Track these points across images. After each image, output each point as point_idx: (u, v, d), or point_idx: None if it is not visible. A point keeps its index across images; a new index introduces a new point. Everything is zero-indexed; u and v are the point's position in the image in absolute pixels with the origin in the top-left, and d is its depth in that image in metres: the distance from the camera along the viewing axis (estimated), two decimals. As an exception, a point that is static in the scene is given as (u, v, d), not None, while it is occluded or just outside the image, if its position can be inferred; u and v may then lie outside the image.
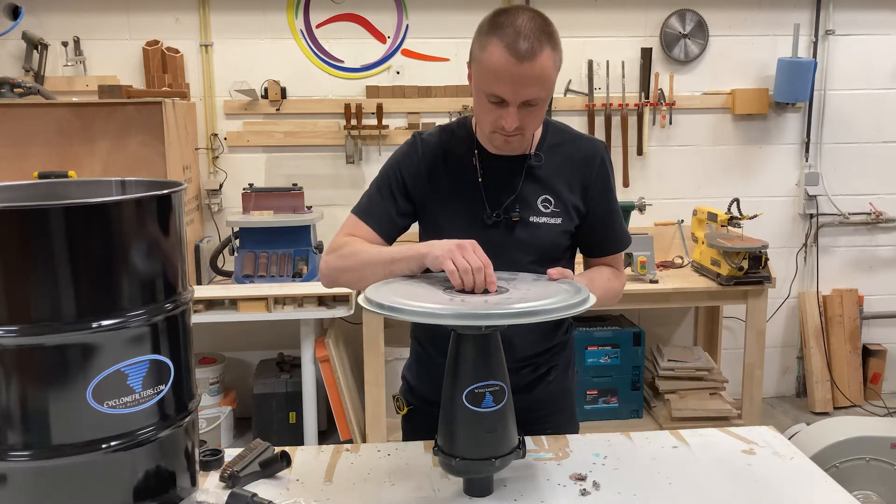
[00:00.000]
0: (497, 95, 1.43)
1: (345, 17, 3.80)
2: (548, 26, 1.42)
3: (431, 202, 1.62)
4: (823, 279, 4.15)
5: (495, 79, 1.41)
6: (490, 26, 1.42)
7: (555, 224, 1.59)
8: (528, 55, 1.37)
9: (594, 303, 1.29)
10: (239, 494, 1.30)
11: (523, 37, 1.37)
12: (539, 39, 1.38)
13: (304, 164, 3.86)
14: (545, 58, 1.39)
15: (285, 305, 3.14)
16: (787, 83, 3.85)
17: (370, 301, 1.28)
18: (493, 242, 1.53)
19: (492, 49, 1.40)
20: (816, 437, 2.55)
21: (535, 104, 1.44)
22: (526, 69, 1.38)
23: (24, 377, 1.11)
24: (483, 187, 1.59)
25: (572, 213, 1.61)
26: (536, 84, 1.41)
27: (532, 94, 1.42)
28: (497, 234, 1.58)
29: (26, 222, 1.07)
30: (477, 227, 1.58)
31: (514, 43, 1.37)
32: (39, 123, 3.20)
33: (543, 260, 1.58)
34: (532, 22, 1.40)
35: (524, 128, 1.48)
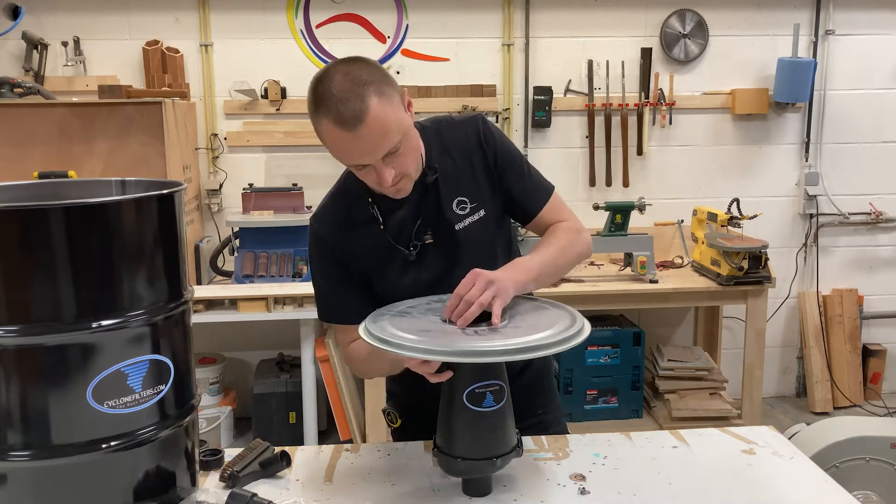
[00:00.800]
0: (357, 164, 1.40)
1: (345, 17, 3.80)
2: (366, 72, 1.34)
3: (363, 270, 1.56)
4: (823, 279, 4.15)
5: (343, 153, 1.39)
6: (314, 102, 1.36)
7: (480, 218, 1.56)
8: (357, 119, 1.31)
9: (589, 331, 1.30)
10: (239, 494, 1.30)
11: (343, 102, 1.31)
12: (359, 96, 1.31)
13: (304, 164, 3.86)
14: (375, 111, 1.31)
15: (285, 305, 3.13)
16: (787, 83, 3.85)
17: (371, 335, 1.30)
18: (437, 272, 1.54)
19: (324, 127, 1.36)
20: (816, 437, 2.55)
21: (396, 150, 1.38)
22: (362, 133, 1.32)
23: (24, 377, 1.11)
24: (388, 233, 1.53)
25: (487, 195, 1.57)
26: (381, 139, 1.34)
27: (384, 147, 1.36)
28: (435, 263, 1.55)
29: (26, 222, 1.07)
30: (410, 270, 1.54)
31: (339, 114, 1.31)
32: (39, 123, 3.20)
33: (493, 256, 1.56)
34: (346, 79, 1.32)
35: (404, 171, 1.42)
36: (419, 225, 1.53)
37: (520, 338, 1.25)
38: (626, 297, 3.40)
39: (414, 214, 1.54)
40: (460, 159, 1.56)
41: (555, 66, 3.87)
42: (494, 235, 1.59)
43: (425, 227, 1.54)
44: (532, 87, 3.86)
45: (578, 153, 3.97)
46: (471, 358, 1.22)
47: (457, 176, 1.55)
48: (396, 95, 1.39)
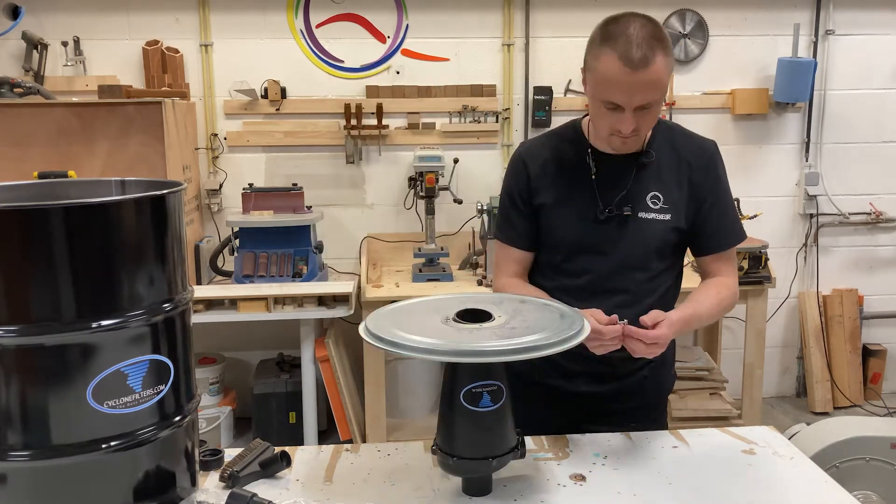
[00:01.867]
0: (613, 102, 1.49)
1: (345, 17, 3.80)
2: (659, 31, 1.48)
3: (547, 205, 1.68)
4: (823, 279, 4.15)
5: (611, 87, 1.48)
6: (602, 36, 1.48)
7: (664, 220, 1.64)
8: (642, 63, 1.43)
9: (587, 334, 1.33)
10: (239, 494, 1.30)
11: (636, 45, 1.43)
12: (651, 46, 1.44)
13: (304, 164, 3.86)
14: (658, 63, 1.45)
15: (285, 305, 3.13)
16: (787, 83, 3.85)
17: (371, 334, 1.31)
18: (604, 238, 1.64)
19: (605, 59, 1.47)
20: (816, 437, 2.55)
21: (649, 107, 1.50)
22: (640, 76, 1.44)
23: (24, 377, 1.11)
24: (596, 185, 1.65)
25: (681, 210, 1.65)
26: (650, 90, 1.47)
27: (646, 99, 1.48)
28: (608, 230, 1.65)
29: (26, 222, 1.07)
30: (589, 223, 1.65)
31: (627, 52, 1.43)
32: (39, 123, 3.20)
33: (652, 256, 1.64)
34: (643, 29, 1.45)
35: (640, 129, 1.54)
36: (624, 195, 1.64)
37: (519, 338, 1.25)
38: (626, 297, 3.39)
39: (621, 183, 1.64)
40: (676, 164, 1.66)
41: (555, 66, 3.87)
42: (661, 243, 1.66)
43: (627, 200, 1.64)
44: (532, 87, 3.86)
45: (578, 153, 3.97)
46: (470, 358, 1.22)
47: (666, 173, 1.65)
48: (672, 62, 1.53)
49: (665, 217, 1.64)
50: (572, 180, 1.67)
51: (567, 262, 1.68)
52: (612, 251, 1.64)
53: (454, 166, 3.73)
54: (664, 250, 1.67)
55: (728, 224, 1.71)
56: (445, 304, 1.46)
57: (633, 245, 1.64)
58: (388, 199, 3.91)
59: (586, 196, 1.66)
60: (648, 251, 1.65)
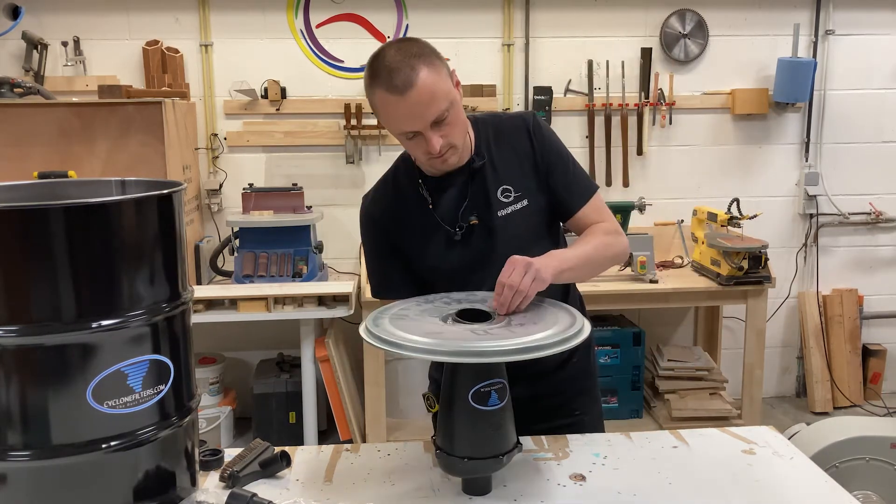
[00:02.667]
0: (407, 131, 1.48)
1: (345, 17, 3.80)
2: (416, 47, 1.46)
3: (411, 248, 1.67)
4: (823, 279, 4.15)
5: (395, 119, 1.47)
6: (369, 77, 1.47)
7: (523, 208, 1.62)
8: (406, 85, 1.41)
9: (589, 331, 1.31)
10: (239, 494, 1.30)
11: (395, 71, 1.42)
12: (410, 66, 1.42)
13: (304, 164, 3.86)
14: (424, 77, 1.43)
15: (285, 305, 3.13)
16: (787, 83, 3.85)
17: (371, 334, 1.31)
18: (475, 252, 1.62)
19: (378, 96, 1.45)
20: (816, 437, 2.55)
21: (444, 119, 1.47)
22: (412, 98, 1.42)
23: (24, 377, 1.11)
24: (435, 213, 1.63)
25: (534, 191, 1.63)
26: (430, 104, 1.44)
27: (433, 114, 1.45)
28: (477, 244, 1.62)
29: (26, 222, 1.07)
30: (454, 248, 1.62)
31: (390, 80, 1.42)
32: (39, 123, 3.20)
33: (528, 245, 1.59)
34: (398, 52, 1.44)
35: (452, 142, 1.51)
36: (466, 206, 1.62)
37: (520, 338, 1.25)
38: (626, 297, 3.40)
39: (461, 197, 1.62)
40: (508, 150, 1.64)
41: (555, 66, 3.87)
42: (536, 226, 1.65)
43: (471, 209, 1.62)
44: (532, 87, 3.86)
45: (578, 153, 3.96)
46: (471, 358, 1.22)
47: (503, 165, 1.64)
48: (445, 70, 1.50)
49: (522, 204, 1.62)
50: (418, 216, 1.64)
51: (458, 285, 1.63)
52: (489, 259, 1.58)
53: (454, 166, 3.73)
54: (537, 234, 1.65)
55: (579, 179, 1.67)
56: (445, 303, 1.47)
57: (505, 244, 1.60)
58: (388, 199, 3.91)
59: (435, 226, 1.63)
60: (522, 242, 1.60)
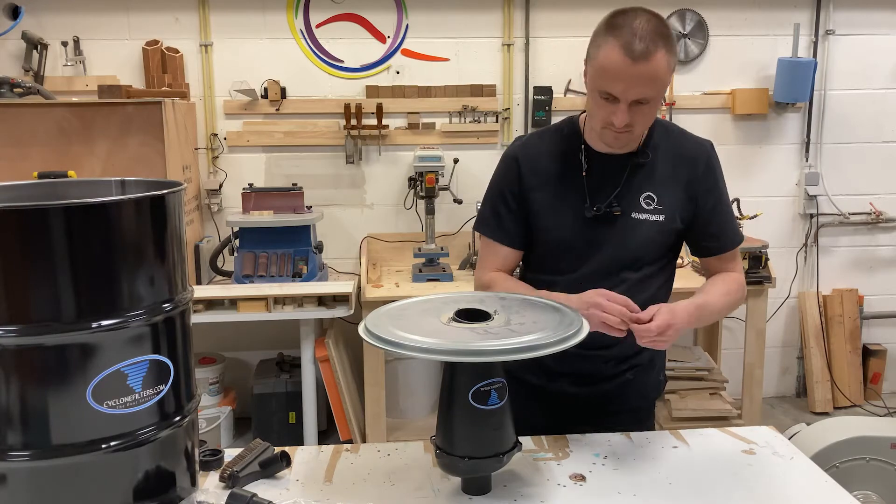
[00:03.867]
0: (609, 93, 1.47)
1: (345, 17, 3.80)
2: (664, 28, 1.46)
3: (538, 201, 1.66)
4: (823, 279, 4.15)
5: (609, 77, 1.46)
6: (607, 26, 1.47)
7: (656, 221, 1.63)
8: (643, 55, 1.42)
9: (587, 333, 1.31)
10: (239, 494, 1.30)
11: (639, 37, 1.42)
12: (654, 41, 1.43)
13: (304, 164, 3.86)
14: (659, 59, 1.43)
15: (285, 305, 3.13)
16: (787, 83, 3.85)
17: (370, 334, 1.31)
18: (594, 236, 1.63)
19: (608, 48, 1.45)
20: (816, 437, 2.55)
21: (645, 103, 1.48)
22: (640, 69, 1.43)
23: (24, 377, 1.11)
24: (586, 182, 1.63)
25: (676, 212, 1.63)
26: (648, 84, 1.45)
27: (643, 93, 1.46)
28: (598, 229, 1.63)
29: (26, 222, 1.07)
30: (579, 221, 1.63)
31: (630, 43, 1.42)
32: (39, 123, 3.20)
33: (644, 256, 1.63)
34: (648, 24, 1.44)
35: (634, 125, 1.51)
36: (617, 193, 1.62)
37: (518, 337, 1.25)
38: (626, 297, 3.39)
39: (613, 183, 1.62)
40: (673, 165, 1.64)
41: (555, 66, 3.87)
42: (653, 244, 1.65)
43: (619, 199, 1.62)
44: (532, 87, 3.86)
45: (578, 153, 3.97)
46: (470, 357, 1.22)
47: (661, 175, 1.64)
48: (675, 61, 1.51)
49: (658, 218, 1.63)
50: (564, 178, 1.65)
51: (556, 259, 1.67)
52: (602, 250, 1.63)
53: (454, 166, 3.73)
54: (657, 251, 1.66)
55: (732, 226, 1.70)
56: (445, 303, 1.46)
57: (623, 245, 1.63)
58: (387, 199, 3.92)
59: (577, 194, 1.63)
60: (640, 251, 1.64)
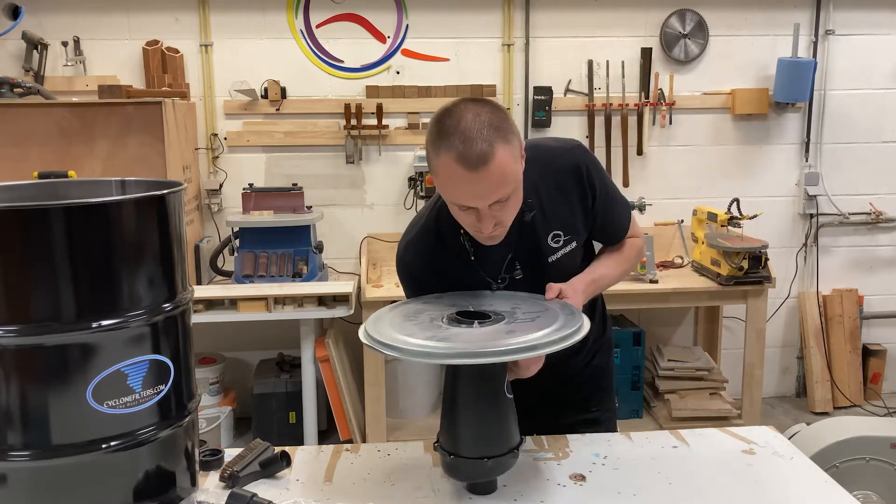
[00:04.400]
0: (463, 205, 1.37)
1: (345, 17, 3.80)
2: (495, 117, 1.33)
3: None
4: (823, 279, 4.15)
5: (456, 191, 1.36)
6: (437, 135, 1.34)
7: (571, 249, 1.60)
8: (481, 161, 1.29)
9: (588, 329, 1.31)
10: (239, 494, 1.30)
11: (471, 141, 1.29)
12: (488, 140, 1.30)
13: (304, 164, 3.86)
14: (500, 157, 1.31)
15: (285, 305, 3.13)
16: (787, 83, 3.84)
17: (371, 338, 1.31)
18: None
19: (443, 161, 1.33)
20: (816, 437, 2.55)
21: (505, 199, 1.37)
22: (482, 177, 1.31)
23: (24, 377, 1.11)
24: (479, 265, 1.55)
25: (581, 227, 1.61)
26: (498, 187, 1.34)
27: (499, 194, 1.35)
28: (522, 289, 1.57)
29: (26, 222, 1.07)
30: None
31: (464, 152, 1.29)
32: (39, 123, 3.20)
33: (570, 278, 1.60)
34: (476, 120, 1.31)
35: (503, 220, 1.42)
36: (510, 260, 1.55)
37: (518, 337, 1.25)
38: (626, 297, 3.40)
39: (507, 249, 1.54)
40: (557, 192, 1.56)
41: (555, 66, 3.87)
42: (580, 261, 1.65)
43: (515, 263, 1.56)
44: (532, 87, 3.86)
45: (578, 153, 3.97)
46: (469, 359, 1.21)
47: (553, 209, 1.55)
48: (518, 146, 1.37)
49: (571, 246, 1.58)
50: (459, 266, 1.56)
51: None
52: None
53: (454, 166, 3.73)
54: (580, 266, 1.64)
55: (619, 212, 1.66)
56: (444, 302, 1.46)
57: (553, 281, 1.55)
58: (388, 199, 3.92)
59: (476, 277, 1.55)
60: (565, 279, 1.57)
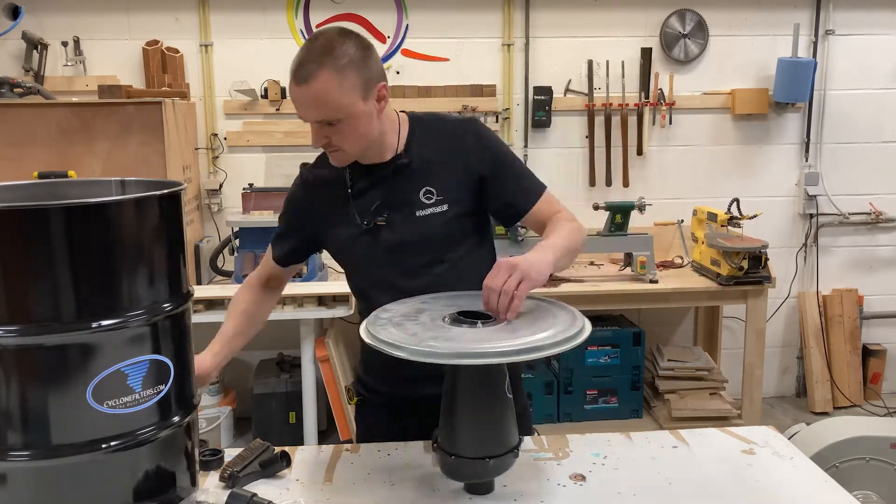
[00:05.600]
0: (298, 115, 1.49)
1: (345, 17, 3.80)
2: (334, 47, 1.43)
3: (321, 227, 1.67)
4: (823, 279, 4.15)
5: (294, 102, 1.48)
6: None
7: (441, 212, 1.59)
8: (303, 79, 1.41)
9: (590, 331, 1.30)
10: (239, 494, 1.30)
11: (303, 61, 1.42)
12: (317, 62, 1.41)
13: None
14: (321, 81, 1.41)
15: (285, 305, 3.13)
16: (787, 83, 3.85)
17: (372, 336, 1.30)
18: (381, 246, 1.60)
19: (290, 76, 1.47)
20: (816, 437, 2.55)
21: (335, 124, 1.46)
22: (303, 92, 1.43)
23: (24, 377, 1.11)
24: (353, 198, 1.62)
25: (463, 197, 1.60)
26: (316, 106, 1.44)
27: (317, 115, 1.45)
28: (386, 238, 1.60)
29: (26, 222, 1.07)
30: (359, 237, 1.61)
31: (296, 67, 1.43)
32: (39, 123, 3.20)
33: (443, 247, 1.60)
34: (317, 43, 1.43)
35: (338, 145, 1.50)
36: (379, 204, 1.61)
37: (521, 339, 1.25)
38: (626, 297, 3.40)
39: (379, 191, 1.61)
40: (443, 154, 1.62)
41: (555, 66, 3.87)
42: (447, 236, 1.61)
43: (383, 208, 1.61)
44: (532, 87, 3.86)
45: (578, 153, 3.97)
46: (471, 360, 1.21)
47: (433, 168, 1.61)
48: (359, 83, 1.45)
49: (442, 208, 1.59)
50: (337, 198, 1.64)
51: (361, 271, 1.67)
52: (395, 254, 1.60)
53: (454, 166, 3.73)
54: (455, 238, 1.62)
55: (526, 182, 1.65)
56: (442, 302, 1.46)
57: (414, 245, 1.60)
58: (388, 199, 3.91)
59: (347, 212, 1.62)
60: (436, 245, 1.60)
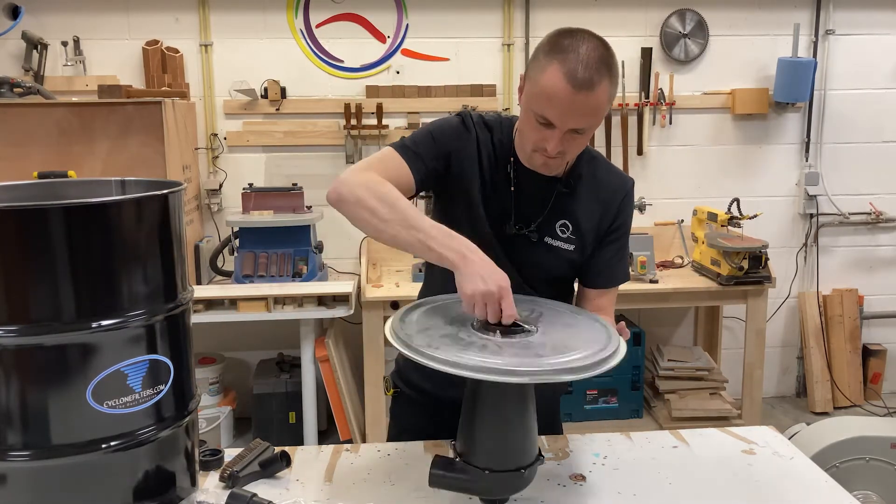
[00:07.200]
0: (546, 118, 1.40)
1: (345, 17, 3.80)
2: (610, 57, 1.40)
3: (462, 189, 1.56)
4: (823, 279, 4.15)
5: (548, 102, 1.38)
6: (552, 47, 1.39)
7: (567, 250, 1.57)
8: (586, 85, 1.35)
9: (625, 350, 1.24)
10: (239, 494, 1.30)
11: (584, 66, 1.35)
12: (599, 71, 1.36)
13: (303, 163, 3.86)
14: (602, 90, 1.37)
15: (285, 305, 3.13)
16: (787, 83, 3.85)
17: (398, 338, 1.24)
18: (507, 254, 1.55)
19: (551, 72, 1.36)
20: (816, 437, 2.55)
21: (581, 132, 1.43)
22: (581, 99, 1.36)
23: (24, 377, 1.11)
24: (514, 198, 1.55)
25: (587, 243, 1.59)
26: (588, 115, 1.39)
27: (581, 123, 1.40)
28: (513, 248, 1.56)
29: (26, 222, 1.07)
30: (496, 234, 1.55)
31: (575, 70, 1.34)
32: (39, 123, 3.20)
33: (545, 281, 1.58)
34: (595, 51, 1.37)
35: (566, 152, 1.45)
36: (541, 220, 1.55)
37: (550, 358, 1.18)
38: (626, 297, 3.40)
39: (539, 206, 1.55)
40: (592, 197, 1.58)
41: (555, 66, 3.86)
42: (560, 273, 1.61)
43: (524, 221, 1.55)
44: (532, 87, 3.86)
45: (578, 153, 3.97)
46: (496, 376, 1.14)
47: (579, 205, 1.57)
48: (615, 93, 1.45)
49: (569, 247, 1.57)
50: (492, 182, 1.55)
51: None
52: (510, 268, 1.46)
53: (454, 166, 3.73)
54: (560, 278, 1.62)
55: (622, 264, 1.64)
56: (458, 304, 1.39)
57: (534, 267, 1.57)
58: (388, 199, 3.91)
59: (501, 205, 1.55)
60: (543, 276, 1.58)
